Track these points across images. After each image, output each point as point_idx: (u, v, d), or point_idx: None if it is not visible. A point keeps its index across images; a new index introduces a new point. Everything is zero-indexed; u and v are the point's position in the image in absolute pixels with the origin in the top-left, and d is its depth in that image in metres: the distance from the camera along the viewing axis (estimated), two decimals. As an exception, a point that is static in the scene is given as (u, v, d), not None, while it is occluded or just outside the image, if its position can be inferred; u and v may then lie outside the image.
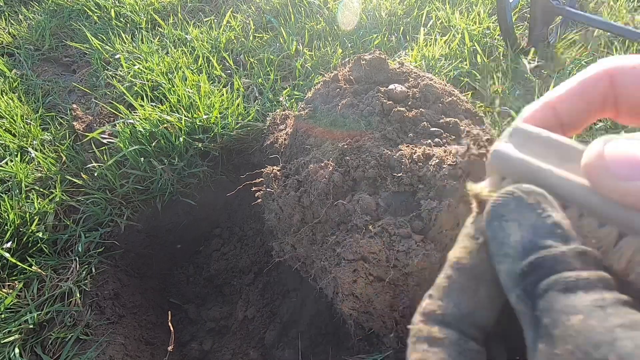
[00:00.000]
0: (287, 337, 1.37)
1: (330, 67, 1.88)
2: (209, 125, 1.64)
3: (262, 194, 1.10)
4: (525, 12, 2.15)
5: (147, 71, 1.94)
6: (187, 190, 1.60)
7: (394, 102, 1.08)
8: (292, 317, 1.40)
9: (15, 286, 1.31)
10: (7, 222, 1.42)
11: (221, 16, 2.36)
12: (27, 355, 1.19)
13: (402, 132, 1.03)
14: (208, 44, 2.12)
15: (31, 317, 1.23)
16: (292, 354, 1.31)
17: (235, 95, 1.75)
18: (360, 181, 0.96)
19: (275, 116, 1.51)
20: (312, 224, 0.99)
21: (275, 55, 2.01)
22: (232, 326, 1.47)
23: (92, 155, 1.65)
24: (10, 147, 1.71)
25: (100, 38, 2.25)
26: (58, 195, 1.51)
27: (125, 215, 1.51)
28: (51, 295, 1.30)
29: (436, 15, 2.13)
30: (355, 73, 1.20)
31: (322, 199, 0.96)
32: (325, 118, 1.14)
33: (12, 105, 1.89)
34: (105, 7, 2.53)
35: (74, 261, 1.37)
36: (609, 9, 2.09)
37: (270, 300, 1.47)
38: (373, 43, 2.00)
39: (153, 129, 1.60)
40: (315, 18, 2.23)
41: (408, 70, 1.19)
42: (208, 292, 1.60)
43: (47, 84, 2.13)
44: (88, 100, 2.01)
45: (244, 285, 1.55)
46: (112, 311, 1.33)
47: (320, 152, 1.06)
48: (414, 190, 0.91)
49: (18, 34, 2.50)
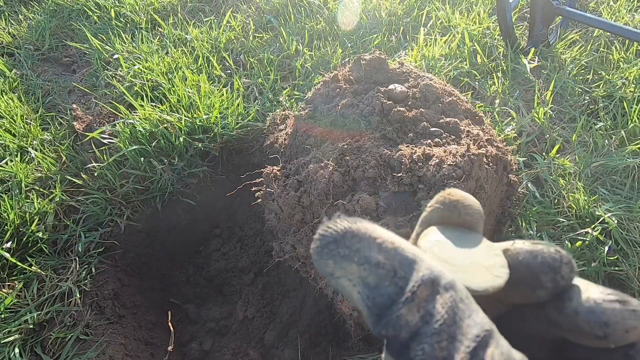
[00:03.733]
0: (287, 337, 1.37)
1: (330, 67, 1.88)
2: (209, 125, 1.64)
3: (262, 194, 1.10)
4: (525, 12, 2.15)
5: (147, 71, 1.94)
6: (187, 190, 1.60)
7: (394, 102, 1.08)
8: (292, 317, 1.40)
9: (15, 286, 1.31)
10: (7, 222, 1.42)
11: (221, 16, 2.36)
12: (27, 355, 1.19)
13: (402, 132, 1.03)
14: (208, 44, 2.12)
15: (31, 317, 1.23)
16: (292, 354, 1.31)
17: (235, 95, 1.75)
18: (360, 181, 0.96)
19: (275, 116, 1.51)
20: (312, 224, 0.99)
21: (275, 55, 2.01)
22: (232, 326, 1.47)
23: (92, 155, 1.65)
24: (10, 147, 1.71)
25: (100, 38, 2.25)
26: (58, 195, 1.51)
27: (125, 215, 1.51)
28: (51, 295, 1.30)
29: (436, 15, 2.13)
30: (355, 73, 1.20)
31: (322, 199, 0.96)
32: (325, 118, 1.14)
33: (12, 105, 1.89)
34: (105, 7, 2.53)
35: (74, 261, 1.37)
36: (609, 9, 2.09)
37: (270, 300, 1.47)
38: (373, 43, 2.00)
39: (153, 129, 1.60)
40: (315, 18, 2.23)
41: (408, 70, 1.19)
42: (208, 292, 1.60)
43: (47, 84, 2.13)
44: (88, 100, 2.01)
45: (244, 285, 1.55)
46: (112, 311, 1.33)
47: (320, 152, 1.06)
48: (414, 190, 0.91)
49: (18, 34, 2.50)
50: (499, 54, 1.88)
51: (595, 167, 1.40)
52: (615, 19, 2.03)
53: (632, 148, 1.42)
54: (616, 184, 1.37)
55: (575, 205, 1.31)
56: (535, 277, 0.24)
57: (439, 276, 0.20)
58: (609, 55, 1.81)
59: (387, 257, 0.21)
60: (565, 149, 1.51)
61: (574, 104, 1.65)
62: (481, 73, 1.81)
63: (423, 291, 0.20)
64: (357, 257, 0.20)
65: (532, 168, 1.45)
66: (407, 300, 0.20)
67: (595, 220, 1.26)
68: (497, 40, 1.94)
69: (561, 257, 0.24)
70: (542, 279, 0.24)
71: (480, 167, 0.94)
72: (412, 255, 0.21)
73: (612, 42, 1.89)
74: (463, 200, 0.28)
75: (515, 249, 0.25)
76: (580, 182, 1.36)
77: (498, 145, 1.08)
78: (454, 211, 0.28)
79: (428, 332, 0.19)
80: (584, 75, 1.76)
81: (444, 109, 1.10)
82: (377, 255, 0.21)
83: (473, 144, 0.96)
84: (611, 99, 1.63)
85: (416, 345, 0.19)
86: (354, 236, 0.21)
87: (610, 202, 1.30)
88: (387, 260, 0.21)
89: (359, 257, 0.20)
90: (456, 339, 0.19)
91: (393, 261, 0.21)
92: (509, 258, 0.25)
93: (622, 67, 1.73)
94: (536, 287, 0.24)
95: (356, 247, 0.21)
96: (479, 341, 0.19)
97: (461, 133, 1.02)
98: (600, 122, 1.54)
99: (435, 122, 1.05)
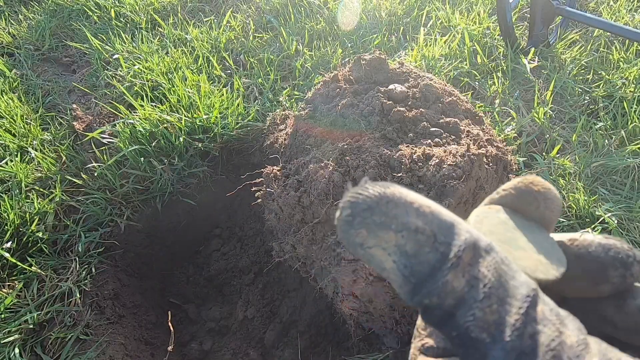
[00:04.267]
0: (287, 337, 1.37)
1: (330, 67, 1.88)
2: (209, 125, 1.64)
3: (262, 194, 1.10)
4: (525, 12, 2.15)
5: (147, 71, 1.94)
6: (187, 190, 1.60)
7: (394, 102, 1.08)
8: (292, 317, 1.40)
9: (15, 286, 1.31)
10: (7, 222, 1.42)
11: (221, 16, 2.36)
12: (27, 355, 1.19)
13: (402, 132, 1.03)
14: (208, 44, 2.12)
15: (31, 317, 1.23)
16: (292, 354, 1.31)
17: (235, 95, 1.75)
18: (360, 181, 0.96)
19: (275, 116, 1.51)
20: (312, 224, 0.99)
21: (275, 55, 2.01)
22: (232, 326, 1.47)
23: (92, 155, 1.65)
24: (10, 147, 1.71)
25: (100, 38, 2.25)
26: (58, 195, 1.51)
27: (125, 215, 1.51)
28: (51, 295, 1.30)
29: (436, 15, 2.13)
30: (355, 73, 1.20)
31: (322, 199, 0.96)
32: (325, 118, 1.14)
33: (12, 105, 1.89)
34: (105, 7, 2.53)
35: (74, 261, 1.37)
36: (609, 9, 2.09)
37: (270, 300, 1.47)
38: (373, 43, 2.00)
39: (153, 129, 1.60)
40: (315, 18, 2.23)
41: (408, 70, 1.19)
42: (208, 292, 1.60)
43: (47, 84, 2.13)
44: (88, 100, 2.01)
45: (244, 285, 1.55)
46: (112, 311, 1.33)
47: (320, 152, 1.06)
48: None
49: (18, 34, 2.50)
50: (499, 54, 1.88)
51: (595, 167, 1.40)
52: (615, 19, 2.03)
53: (632, 148, 1.42)
54: (616, 184, 1.37)
55: (575, 205, 1.31)
56: (602, 271, 0.23)
57: (478, 239, 0.20)
58: (609, 55, 1.81)
59: (425, 221, 0.19)
60: (565, 149, 1.51)
61: (574, 104, 1.65)
62: (481, 73, 1.81)
63: (467, 255, 0.19)
64: (394, 224, 0.19)
65: (532, 168, 1.45)
66: (452, 265, 0.19)
67: (596, 220, 1.26)
68: (497, 40, 1.94)
69: (635, 255, 0.23)
70: (610, 273, 0.23)
71: (480, 167, 0.94)
72: (450, 219, 0.20)
73: (612, 42, 1.89)
74: (546, 192, 0.25)
75: (585, 239, 0.25)
76: (580, 182, 1.36)
77: (498, 145, 1.08)
78: (532, 203, 0.25)
79: (477, 296, 0.18)
80: (584, 75, 1.76)
81: (444, 109, 1.10)
82: (415, 221, 0.19)
83: (473, 144, 0.96)
84: (611, 99, 1.63)
85: (465, 311, 0.18)
86: (389, 202, 0.19)
87: (610, 202, 1.30)
88: (427, 225, 0.19)
89: (396, 224, 0.19)
90: (505, 301, 0.18)
91: (432, 226, 0.19)
92: (576, 249, 0.24)
93: (622, 67, 1.73)
94: (601, 281, 0.23)
95: (393, 214, 0.19)
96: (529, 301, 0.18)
97: (461, 133, 1.02)
98: (600, 122, 1.54)
99: (435, 122, 1.05)
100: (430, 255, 0.19)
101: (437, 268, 0.19)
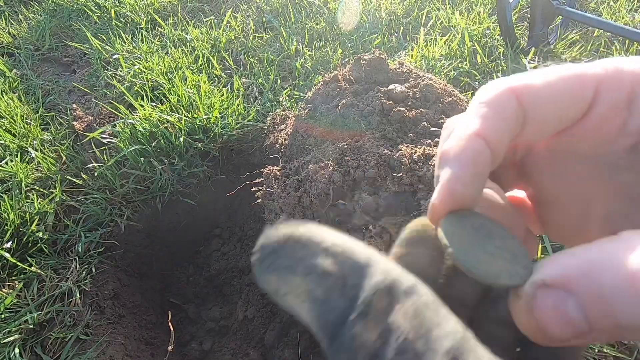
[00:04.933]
0: (287, 337, 1.37)
1: (330, 67, 1.88)
2: (209, 125, 1.64)
3: (262, 194, 1.10)
4: (525, 12, 2.15)
5: (147, 71, 1.94)
6: (187, 190, 1.60)
7: (394, 102, 1.08)
8: (292, 317, 1.40)
9: (15, 286, 1.31)
10: (7, 222, 1.42)
11: (221, 16, 2.36)
12: (27, 355, 1.19)
13: (402, 132, 1.04)
14: (208, 44, 2.12)
15: (31, 317, 1.23)
16: (292, 354, 1.31)
17: (235, 95, 1.75)
18: (360, 181, 0.96)
19: (275, 116, 1.51)
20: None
21: (275, 55, 2.01)
22: (232, 326, 1.47)
23: (92, 155, 1.65)
24: (10, 147, 1.71)
25: (100, 38, 2.25)
26: (58, 195, 1.51)
27: (125, 215, 1.51)
28: (51, 295, 1.30)
29: (436, 15, 2.13)
30: (355, 73, 1.20)
31: (322, 199, 0.96)
32: (325, 118, 1.14)
33: (12, 105, 1.89)
34: (105, 7, 2.53)
35: (74, 261, 1.37)
36: (609, 9, 2.09)
37: (271, 300, 1.47)
38: (373, 43, 2.00)
39: (153, 129, 1.60)
40: (315, 18, 2.23)
41: (408, 70, 1.19)
42: (208, 292, 1.60)
43: (47, 84, 2.13)
44: (88, 100, 2.01)
45: (244, 285, 1.55)
46: (112, 311, 1.33)
47: (320, 152, 1.06)
48: (414, 190, 0.91)
49: (18, 34, 2.50)
50: (499, 54, 1.88)
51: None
52: (615, 19, 2.03)
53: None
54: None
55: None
56: None
57: (397, 280, 0.17)
58: (609, 55, 1.81)
59: (335, 262, 0.17)
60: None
61: (574, 104, 1.65)
62: (481, 73, 1.81)
63: (379, 301, 0.16)
64: (300, 267, 0.17)
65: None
66: (360, 315, 0.16)
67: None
68: (497, 40, 1.94)
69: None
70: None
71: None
72: (365, 258, 0.17)
73: (612, 42, 1.89)
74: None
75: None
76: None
77: (498, 145, 1.08)
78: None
79: (389, 353, 0.15)
80: (584, 75, 1.76)
81: (444, 109, 1.10)
82: (323, 262, 0.17)
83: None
84: (611, 99, 1.62)
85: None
86: (296, 242, 0.18)
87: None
88: (336, 267, 0.17)
89: (302, 267, 0.17)
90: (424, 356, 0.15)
91: (343, 267, 0.17)
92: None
93: (622, 67, 1.73)
94: None
95: (299, 256, 0.17)
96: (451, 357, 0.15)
97: (461, 133, 1.02)
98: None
99: (435, 122, 1.05)
100: (340, 302, 0.17)
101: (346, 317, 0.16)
